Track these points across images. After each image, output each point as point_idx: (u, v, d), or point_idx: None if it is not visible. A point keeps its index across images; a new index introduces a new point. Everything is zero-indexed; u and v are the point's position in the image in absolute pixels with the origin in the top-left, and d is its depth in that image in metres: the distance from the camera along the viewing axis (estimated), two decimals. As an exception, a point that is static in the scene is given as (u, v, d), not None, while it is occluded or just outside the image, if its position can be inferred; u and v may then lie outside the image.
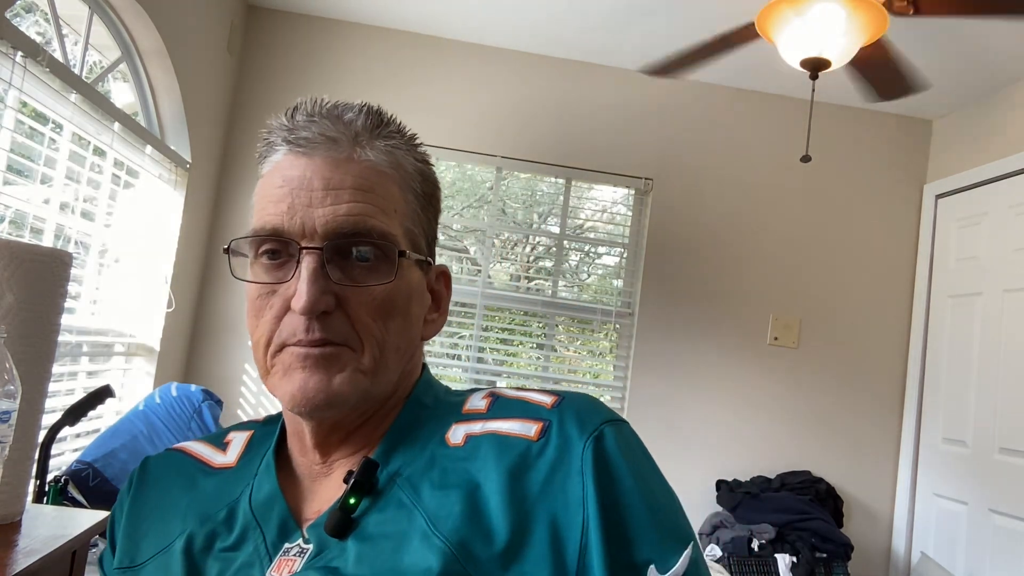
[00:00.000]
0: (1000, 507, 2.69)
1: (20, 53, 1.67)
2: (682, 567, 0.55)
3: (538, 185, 3.41)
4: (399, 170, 0.63)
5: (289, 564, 0.57)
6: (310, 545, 0.58)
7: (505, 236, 3.49)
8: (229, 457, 0.69)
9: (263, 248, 0.60)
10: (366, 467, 0.58)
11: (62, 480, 1.57)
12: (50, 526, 1.07)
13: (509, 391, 0.64)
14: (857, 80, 2.33)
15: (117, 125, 2.15)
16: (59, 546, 0.99)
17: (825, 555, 2.70)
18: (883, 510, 3.18)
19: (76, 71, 1.97)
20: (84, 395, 1.58)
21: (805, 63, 1.97)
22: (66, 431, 1.72)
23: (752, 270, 3.21)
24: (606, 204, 3.45)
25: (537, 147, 3.15)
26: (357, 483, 0.58)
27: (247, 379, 2.96)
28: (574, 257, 3.69)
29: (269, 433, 0.69)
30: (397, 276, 0.60)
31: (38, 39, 1.90)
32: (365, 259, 0.59)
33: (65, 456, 2.14)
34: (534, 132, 3.15)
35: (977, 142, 3.03)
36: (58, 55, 1.90)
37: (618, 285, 3.32)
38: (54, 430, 1.52)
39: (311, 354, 0.58)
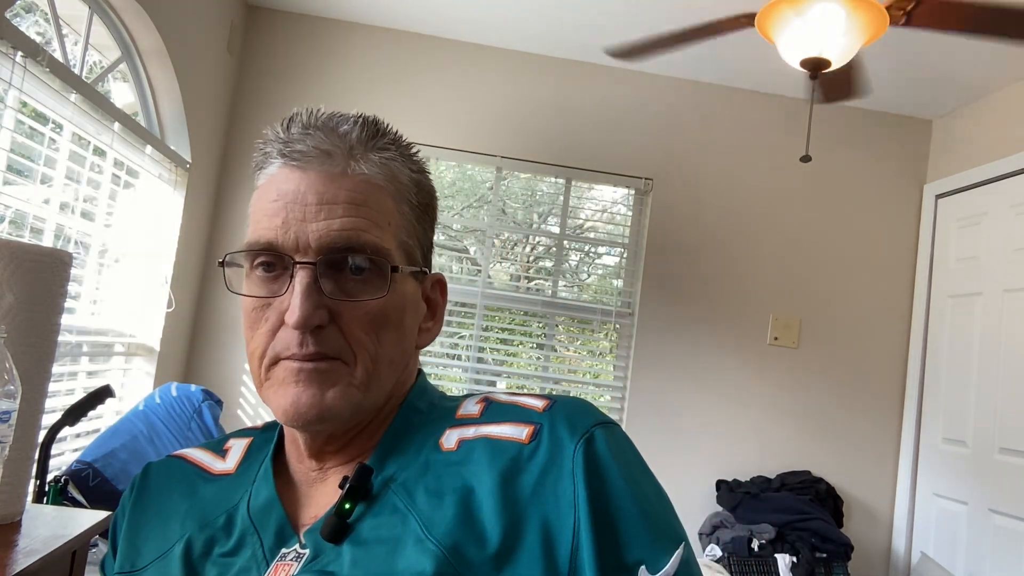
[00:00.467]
0: (1000, 507, 2.69)
1: (20, 53, 1.67)
2: (673, 567, 0.55)
3: (538, 185, 3.41)
4: (394, 182, 0.63)
5: (286, 569, 0.57)
6: (307, 550, 0.58)
7: (505, 236, 3.49)
8: (228, 464, 0.69)
9: (258, 261, 0.61)
10: (361, 473, 0.59)
11: (62, 480, 1.57)
12: (50, 526, 1.07)
13: (503, 396, 0.65)
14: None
15: (117, 125, 2.15)
16: (59, 546, 1.00)
17: (825, 555, 2.70)
18: (883, 510, 3.18)
19: (76, 71, 1.97)
20: (84, 395, 1.58)
21: (805, 63, 1.97)
22: (66, 431, 1.72)
23: (752, 270, 3.21)
24: (606, 204, 3.45)
25: (537, 147, 3.15)
26: (352, 489, 0.58)
27: (247, 379, 2.96)
28: (574, 257, 3.69)
29: (268, 440, 0.70)
30: (390, 290, 0.60)
31: (38, 39, 1.90)
32: (359, 272, 0.60)
33: (65, 456, 2.14)
34: (534, 132, 3.15)
35: (977, 142, 3.03)
36: (58, 55, 1.90)
37: (618, 285, 3.32)
38: (54, 430, 1.52)
39: (305, 368, 0.58)
